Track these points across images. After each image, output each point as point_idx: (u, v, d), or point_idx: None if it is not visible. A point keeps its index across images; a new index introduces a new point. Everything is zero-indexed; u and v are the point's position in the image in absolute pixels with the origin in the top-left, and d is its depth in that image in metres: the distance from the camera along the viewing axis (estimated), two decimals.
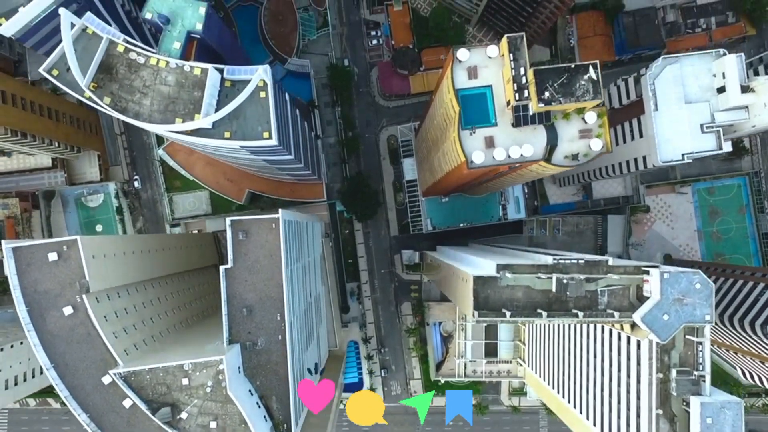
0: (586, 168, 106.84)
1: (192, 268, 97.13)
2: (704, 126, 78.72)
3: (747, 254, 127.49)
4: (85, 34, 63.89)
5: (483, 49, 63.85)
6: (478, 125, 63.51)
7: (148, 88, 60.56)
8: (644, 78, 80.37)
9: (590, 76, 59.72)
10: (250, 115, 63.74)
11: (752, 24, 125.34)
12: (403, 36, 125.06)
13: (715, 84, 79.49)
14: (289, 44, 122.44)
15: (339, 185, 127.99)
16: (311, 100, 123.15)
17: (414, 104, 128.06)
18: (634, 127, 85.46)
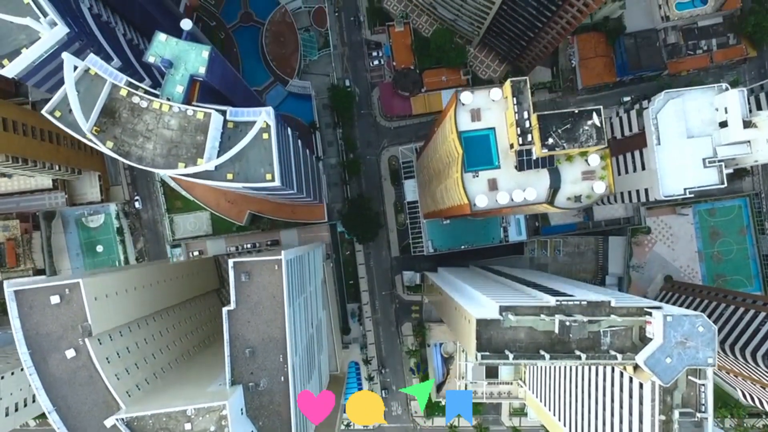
0: None
1: (193, 296, 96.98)
2: (706, 160, 78.75)
3: (748, 276, 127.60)
4: (88, 75, 63.72)
5: (486, 92, 63.76)
6: (481, 168, 63.44)
7: (150, 132, 60.42)
8: (647, 112, 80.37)
9: (594, 122, 59.64)
10: (252, 157, 63.59)
11: (753, 46, 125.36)
12: (404, 57, 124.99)
13: (717, 118, 79.51)
14: (290, 65, 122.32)
15: (340, 205, 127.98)
16: (312, 122, 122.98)
17: (415, 125, 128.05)
18: (636, 159, 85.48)
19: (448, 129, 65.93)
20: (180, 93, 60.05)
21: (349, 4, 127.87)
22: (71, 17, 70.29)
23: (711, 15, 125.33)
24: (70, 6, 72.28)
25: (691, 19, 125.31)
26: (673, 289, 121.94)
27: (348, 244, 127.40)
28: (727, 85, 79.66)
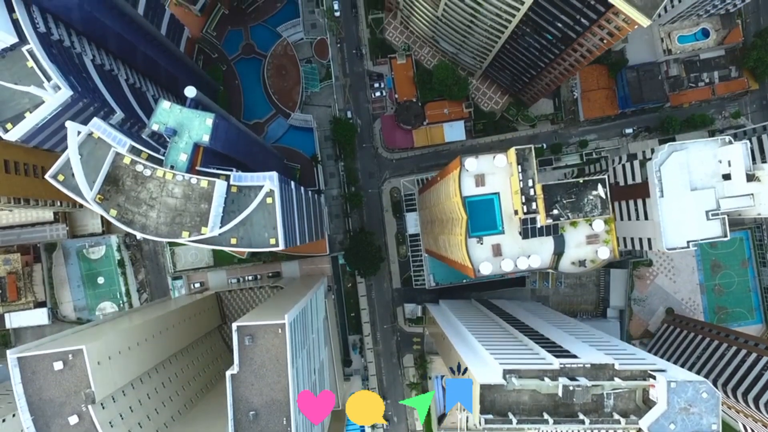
0: None
1: (196, 338, 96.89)
2: (709, 213, 78.69)
3: (749, 308, 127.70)
4: (91, 139, 63.61)
5: (490, 157, 63.66)
6: (485, 233, 63.35)
7: (154, 200, 60.29)
8: (650, 164, 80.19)
9: (598, 193, 59.57)
10: (256, 222, 63.47)
11: (755, 78, 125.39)
12: (406, 89, 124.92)
13: (721, 170, 79.45)
14: (292, 99, 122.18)
15: (341, 237, 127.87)
16: (314, 155, 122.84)
17: (417, 156, 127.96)
18: (639, 208, 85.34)
19: (452, 191, 65.82)
20: (184, 161, 59.91)
21: (350, 35, 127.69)
22: (75, 74, 70.26)
23: (713, 48, 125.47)
24: (73, 61, 72.22)
25: (694, 52, 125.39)
26: (674, 322, 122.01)
27: (349, 276, 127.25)
28: (730, 137, 79.62)
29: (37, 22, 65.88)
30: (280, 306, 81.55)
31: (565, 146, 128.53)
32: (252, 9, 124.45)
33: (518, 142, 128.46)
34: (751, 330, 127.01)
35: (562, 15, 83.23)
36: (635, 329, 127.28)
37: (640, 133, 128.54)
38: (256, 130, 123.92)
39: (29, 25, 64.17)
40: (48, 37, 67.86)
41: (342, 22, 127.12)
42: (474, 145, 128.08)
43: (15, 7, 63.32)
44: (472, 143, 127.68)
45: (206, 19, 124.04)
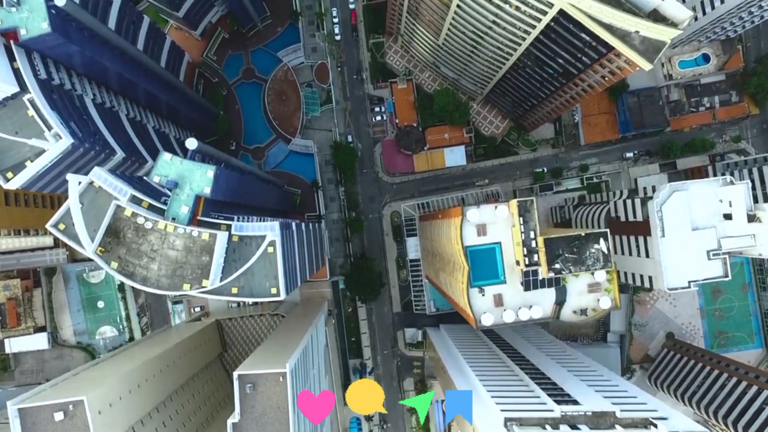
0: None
1: (198, 370, 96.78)
2: (711, 253, 78.69)
3: (749, 332, 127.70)
4: (92, 188, 63.53)
5: (492, 207, 63.58)
6: (486, 282, 63.28)
7: (155, 252, 60.20)
8: (651, 203, 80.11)
9: (600, 248, 59.52)
10: (257, 271, 63.38)
11: (755, 103, 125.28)
12: (407, 114, 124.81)
13: (722, 210, 79.43)
14: (292, 124, 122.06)
15: (342, 260, 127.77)
16: (314, 181, 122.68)
17: (418, 180, 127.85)
18: (640, 245, 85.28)
19: (454, 238, 65.77)
20: (185, 214, 59.80)
21: (351, 59, 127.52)
22: (75, 118, 70.25)
23: (714, 73, 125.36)
24: (73, 104, 72.11)
25: (694, 77, 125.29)
26: (675, 348, 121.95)
27: (350, 300, 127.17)
28: (731, 178, 79.59)
29: (38, 69, 65.72)
30: (281, 344, 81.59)
31: (565, 170, 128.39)
32: (252, 33, 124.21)
33: (519, 166, 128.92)
34: (751, 354, 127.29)
35: (563, 52, 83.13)
36: (635, 353, 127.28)
37: (641, 157, 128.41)
38: (256, 155, 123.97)
39: (30, 73, 64.04)
40: (49, 83, 67.74)
41: (343, 45, 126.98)
42: (474, 169, 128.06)
43: (16, 56, 63.17)
44: (472, 167, 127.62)
45: (207, 44, 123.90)
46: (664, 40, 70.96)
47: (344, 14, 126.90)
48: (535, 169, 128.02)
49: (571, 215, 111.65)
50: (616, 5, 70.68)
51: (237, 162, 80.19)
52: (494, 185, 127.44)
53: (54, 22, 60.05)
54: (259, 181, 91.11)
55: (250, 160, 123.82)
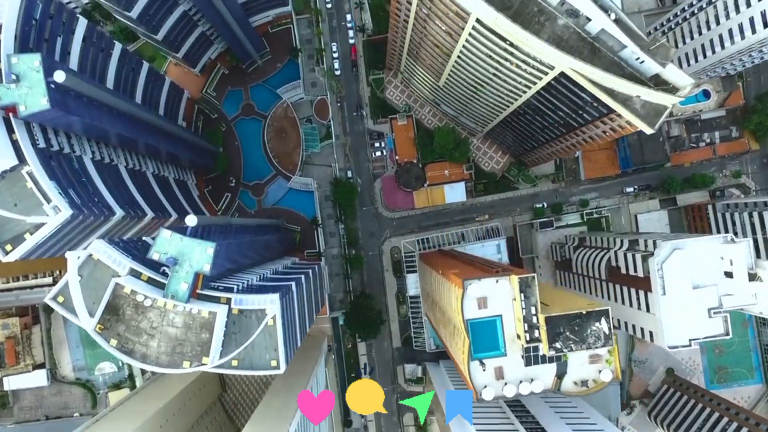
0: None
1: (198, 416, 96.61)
2: (712, 311, 78.55)
3: (749, 368, 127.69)
4: (91, 260, 63.33)
5: (493, 281, 63.39)
6: (487, 354, 63.11)
7: (155, 329, 59.94)
8: (651, 260, 79.96)
9: (602, 327, 59.35)
10: (257, 344, 63.15)
11: (756, 139, 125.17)
12: (407, 150, 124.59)
13: (723, 267, 79.31)
14: (292, 162, 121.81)
15: (342, 295, 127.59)
16: (314, 218, 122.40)
17: (418, 215, 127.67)
18: (641, 298, 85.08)
19: (455, 309, 65.57)
20: (185, 291, 59.50)
21: (351, 93, 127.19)
22: (75, 182, 70.03)
23: (714, 109, 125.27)
24: (72, 167, 71.87)
25: (695, 113, 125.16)
26: (675, 384, 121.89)
27: (350, 336, 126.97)
28: (732, 236, 79.43)
29: (36, 138, 65.44)
30: (281, 398, 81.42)
31: (565, 205, 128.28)
32: (252, 69, 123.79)
33: (519, 201, 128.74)
34: (751, 390, 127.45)
35: (565, 107, 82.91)
36: (635, 389, 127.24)
37: (641, 192, 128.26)
38: (256, 192, 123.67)
39: (29, 144, 63.74)
40: (48, 150, 67.44)
41: (342, 80, 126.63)
42: (474, 204, 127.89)
43: (15, 128, 62.83)
44: (472, 202, 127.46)
45: (206, 79, 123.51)
46: (666, 105, 70.77)
47: (344, 49, 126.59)
48: (535, 204, 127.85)
49: (571, 256, 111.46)
50: (617, 70, 70.50)
51: (237, 221, 79.90)
52: (494, 220, 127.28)
53: (53, 98, 59.70)
54: (259, 235, 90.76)
55: (249, 197, 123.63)
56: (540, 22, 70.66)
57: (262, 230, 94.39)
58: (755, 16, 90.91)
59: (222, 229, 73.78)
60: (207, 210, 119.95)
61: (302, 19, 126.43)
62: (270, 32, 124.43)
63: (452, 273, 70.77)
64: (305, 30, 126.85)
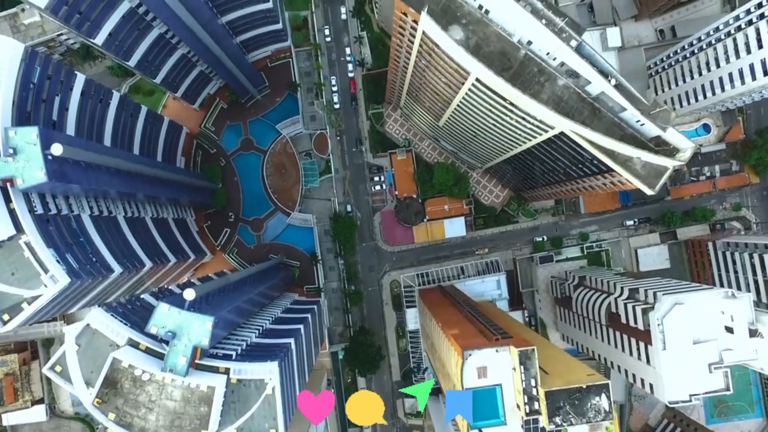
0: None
1: None
2: (712, 366, 78.22)
3: (750, 402, 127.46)
4: (89, 329, 63.21)
5: (493, 350, 63.13)
6: (487, 423, 62.84)
7: (153, 403, 59.68)
8: (652, 315, 79.60)
9: (602, 403, 59.11)
10: (257, 414, 62.92)
11: (756, 173, 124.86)
12: (406, 185, 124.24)
13: (724, 321, 79.02)
14: (291, 198, 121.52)
15: (341, 329, 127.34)
16: (313, 253, 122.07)
17: (417, 249, 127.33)
18: (641, 350, 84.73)
19: (454, 376, 65.31)
20: (183, 365, 59.21)
21: (350, 127, 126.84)
22: (73, 245, 69.64)
23: (714, 143, 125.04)
24: (70, 227, 71.48)
25: (695, 147, 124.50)
26: (675, 420, 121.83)
27: (349, 370, 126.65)
28: (733, 291, 79.14)
29: (34, 205, 65.05)
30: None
31: (565, 238, 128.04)
32: (251, 104, 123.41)
33: (519, 235, 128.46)
34: (752, 424, 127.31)
35: (565, 160, 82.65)
36: (635, 423, 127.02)
37: (641, 225, 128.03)
38: (255, 227, 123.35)
39: (26, 212, 63.35)
40: (45, 214, 67.05)
41: (342, 114, 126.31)
42: (474, 238, 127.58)
43: (12, 197, 62.48)
44: (472, 236, 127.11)
45: (205, 114, 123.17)
46: (666, 166, 70.54)
47: (343, 82, 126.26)
48: (535, 237, 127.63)
49: (571, 294, 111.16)
50: (618, 130, 70.29)
51: (236, 277, 79.60)
52: (494, 254, 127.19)
53: (50, 170, 59.36)
54: (260, 284, 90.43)
55: (248, 232, 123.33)
56: (540, 83, 70.38)
57: (262, 278, 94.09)
58: (755, 64, 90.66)
59: (221, 291, 73.50)
60: (206, 246, 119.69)
61: (301, 51, 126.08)
62: (269, 66, 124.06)
63: (452, 334, 70.50)
64: (304, 62, 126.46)
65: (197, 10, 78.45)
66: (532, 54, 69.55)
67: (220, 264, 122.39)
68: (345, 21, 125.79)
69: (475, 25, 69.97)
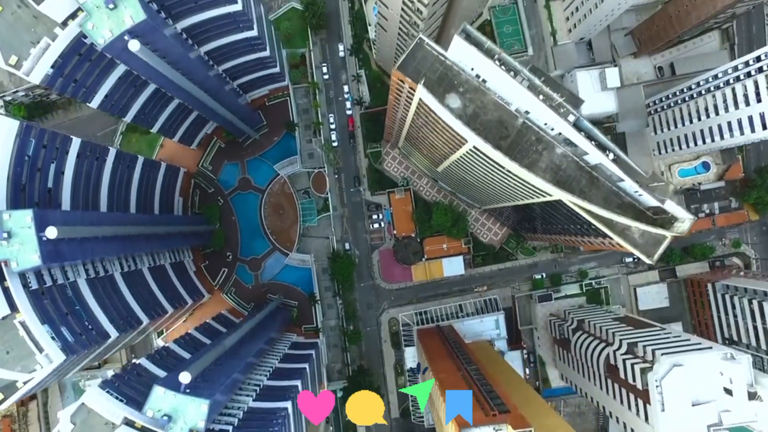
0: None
1: None
2: (711, 428, 77.94)
3: None
4: (84, 407, 62.87)
5: (490, 428, 62.77)
6: None
7: None
8: (651, 375, 79.33)
9: None
10: None
11: (755, 211, 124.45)
12: (404, 225, 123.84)
13: (722, 382, 78.71)
14: (289, 239, 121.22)
15: (340, 366, 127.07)
16: (312, 293, 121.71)
17: (416, 286, 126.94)
18: (639, 407, 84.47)
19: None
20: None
21: (348, 165, 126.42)
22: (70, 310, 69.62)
23: (714, 180, 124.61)
24: (66, 296, 71.16)
25: (694, 185, 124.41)
26: None
27: None
28: (731, 353, 78.82)
29: (29, 281, 64.72)
30: None
31: (564, 275, 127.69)
32: (249, 143, 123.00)
33: (518, 271, 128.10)
34: None
35: (564, 219, 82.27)
36: None
37: (640, 262, 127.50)
38: (252, 266, 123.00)
39: (20, 290, 63.02)
40: (41, 287, 66.72)
41: (340, 152, 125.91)
42: (473, 275, 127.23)
43: (6, 276, 62.12)
44: (471, 273, 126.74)
45: (203, 153, 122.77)
46: (665, 234, 70.20)
47: (341, 120, 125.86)
48: (533, 274, 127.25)
49: (570, 337, 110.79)
50: (616, 199, 69.96)
51: (233, 340, 79.16)
52: (493, 291, 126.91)
53: (45, 252, 59.03)
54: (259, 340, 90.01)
55: (246, 272, 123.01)
56: (538, 151, 70.04)
57: (260, 332, 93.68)
58: (754, 117, 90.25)
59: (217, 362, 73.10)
60: (204, 286, 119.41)
61: (299, 87, 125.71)
62: (267, 104, 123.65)
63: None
64: (302, 99, 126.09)
65: (192, 72, 78.01)
66: (530, 122, 69.22)
67: (218, 304, 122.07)
68: (343, 58, 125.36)
69: (473, 93, 69.60)
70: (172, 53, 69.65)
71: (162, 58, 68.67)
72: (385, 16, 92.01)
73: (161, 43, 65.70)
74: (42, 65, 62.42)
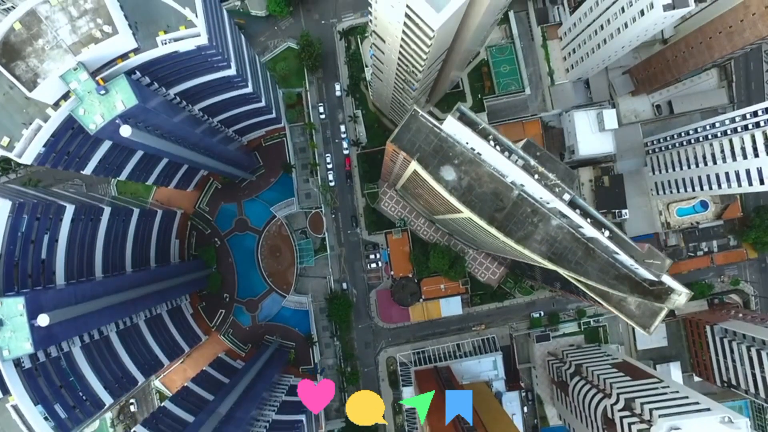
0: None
1: None
2: None
3: None
4: None
5: None
6: None
7: None
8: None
9: None
10: None
11: (754, 249, 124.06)
12: (402, 265, 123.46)
13: None
14: (286, 280, 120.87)
15: (338, 404, 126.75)
16: (309, 334, 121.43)
17: (414, 326, 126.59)
18: None
19: None
20: None
21: (345, 204, 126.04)
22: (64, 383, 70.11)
23: (712, 219, 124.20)
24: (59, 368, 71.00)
25: (693, 224, 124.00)
26: None
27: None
28: (729, 416, 78.46)
29: (22, 361, 64.40)
30: None
31: (562, 313, 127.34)
32: (245, 184, 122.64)
33: (516, 310, 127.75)
34: None
35: (560, 283, 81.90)
36: None
37: None
38: (249, 307, 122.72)
39: (13, 373, 62.64)
40: (34, 365, 66.42)
41: (337, 191, 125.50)
42: (471, 314, 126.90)
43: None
44: (468, 311, 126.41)
45: (199, 194, 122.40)
46: (662, 306, 69.83)
47: (338, 159, 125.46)
48: (532, 313, 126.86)
49: (568, 381, 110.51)
50: (612, 270, 69.48)
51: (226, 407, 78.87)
52: (490, 329, 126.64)
53: (37, 339, 58.74)
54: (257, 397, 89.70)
55: (243, 313, 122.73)
56: (533, 223, 69.63)
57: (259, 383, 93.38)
58: (752, 170, 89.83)
59: None
60: (200, 328, 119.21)
61: (296, 126, 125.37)
62: (263, 145, 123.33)
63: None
64: (299, 138, 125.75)
65: (185, 137, 77.62)
66: (526, 194, 68.83)
67: (215, 345, 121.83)
68: (340, 98, 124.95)
69: (468, 165, 69.23)
70: (164, 126, 69.23)
71: (155, 131, 68.25)
72: (380, 69, 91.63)
73: (153, 120, 65.30)
74: (34, 146, 62.02)
